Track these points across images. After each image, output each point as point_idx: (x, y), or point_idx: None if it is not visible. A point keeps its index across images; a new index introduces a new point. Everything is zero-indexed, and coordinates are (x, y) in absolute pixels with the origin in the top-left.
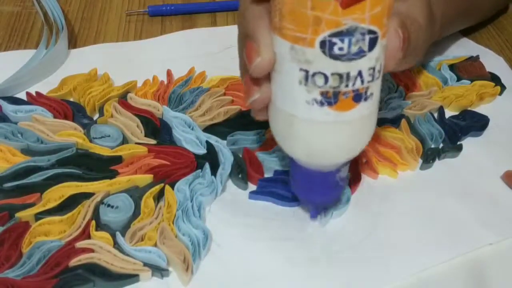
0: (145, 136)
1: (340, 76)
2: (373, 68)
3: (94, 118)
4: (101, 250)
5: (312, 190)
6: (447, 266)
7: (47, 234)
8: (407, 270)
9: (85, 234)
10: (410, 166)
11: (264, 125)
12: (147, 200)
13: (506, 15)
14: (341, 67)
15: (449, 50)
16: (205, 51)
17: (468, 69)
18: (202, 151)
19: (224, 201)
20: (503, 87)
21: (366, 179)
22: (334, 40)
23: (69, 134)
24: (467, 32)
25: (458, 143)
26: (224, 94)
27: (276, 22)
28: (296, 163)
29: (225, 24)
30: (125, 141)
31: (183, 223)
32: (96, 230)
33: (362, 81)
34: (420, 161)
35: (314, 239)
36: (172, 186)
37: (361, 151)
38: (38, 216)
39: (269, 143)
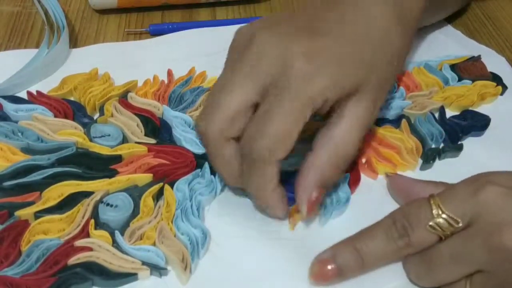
0: (145, 135)
1: None
2: None
3: (95, 118)
4: (100, 249)
5: None
6: None
7: (46, 233)
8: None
9: (84, 232)
10: (410, 167)
11: None
12: (146, 199)
13: (506, 15)
14: None
15: (450, 50)
16: (206, 51)
17: (470, 69)
18: (201, 150)
19: (224, 201)
20: (504, 87)
21: (366, 179)
22: None
23: (69, 133)
24: (467, 32)
25: (459, 142)
26: None
27: None
28: None
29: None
30: (125, 140)
31: (182, 222)
32: (95, 228)
33: None
34: (420, 161)
35: (313, 239)
36: (172, 186)
37: None
38: (38, 215)
39: None
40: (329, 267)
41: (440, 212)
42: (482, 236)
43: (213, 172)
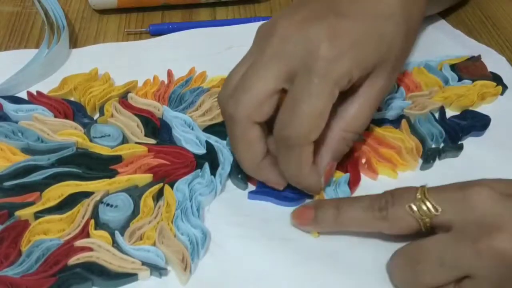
0: (145, 135)
1: None
2: None
3: (95, 118)
4: (100, 249)
5: None
6: None
7: (46, 233)
8: None
9: (84, 233)
10: (410, 167)
11: None
12: (146, 200)
13: (506, 15)
14: None
15: (450, 50)
16: (206, 51)
17: (470, 69)
18: (201, 151)
19: (223, 201)
20: (504, 87)
21: (366, 180)
22: None
23: (70, 133)
24: (467, 32)
25: (459, 142)
26: None
27: None
28: None
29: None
30: (125, 140)
31: (182, 222)
32: (95, 229)
33: None
34: (420, 161)
35: (313, 239)
36: (172, 186)
37: None
38: (38, 215)
39: None
40: (308, 212)
41: (423, 198)
42: (471, 239)
43: (213, 172)
